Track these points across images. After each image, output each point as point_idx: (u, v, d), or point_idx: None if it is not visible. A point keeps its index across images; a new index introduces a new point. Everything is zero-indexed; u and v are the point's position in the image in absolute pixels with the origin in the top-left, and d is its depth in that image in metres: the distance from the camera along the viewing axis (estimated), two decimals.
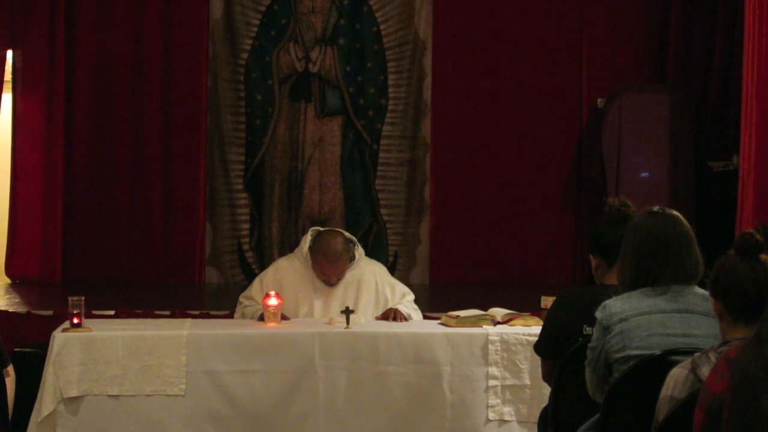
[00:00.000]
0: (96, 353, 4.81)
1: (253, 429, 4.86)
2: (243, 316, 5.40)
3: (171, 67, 8.75)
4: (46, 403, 4.75)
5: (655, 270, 3.38)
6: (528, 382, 4.86)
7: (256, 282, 5.47)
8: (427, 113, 8.93)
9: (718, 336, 2.84)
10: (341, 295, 5.34)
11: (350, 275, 5.38)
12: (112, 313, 5.97)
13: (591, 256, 3.94)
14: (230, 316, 5.75)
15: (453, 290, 8.33)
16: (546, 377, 4.04)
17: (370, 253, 6.67)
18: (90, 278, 8.46)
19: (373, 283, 5.38)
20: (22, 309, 6.45)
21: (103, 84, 8.74)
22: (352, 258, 5.40)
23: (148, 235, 8.71)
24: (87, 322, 4.92)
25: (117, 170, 8.73)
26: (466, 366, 4.90)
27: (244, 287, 5.79)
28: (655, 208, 3.51)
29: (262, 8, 8.92)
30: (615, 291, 3.49)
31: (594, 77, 8.83)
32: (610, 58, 8.87)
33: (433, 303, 7.21)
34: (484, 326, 5.01)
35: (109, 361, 4.81)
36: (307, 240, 5.42)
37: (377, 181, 8.96)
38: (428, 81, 8.92)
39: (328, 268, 5.29)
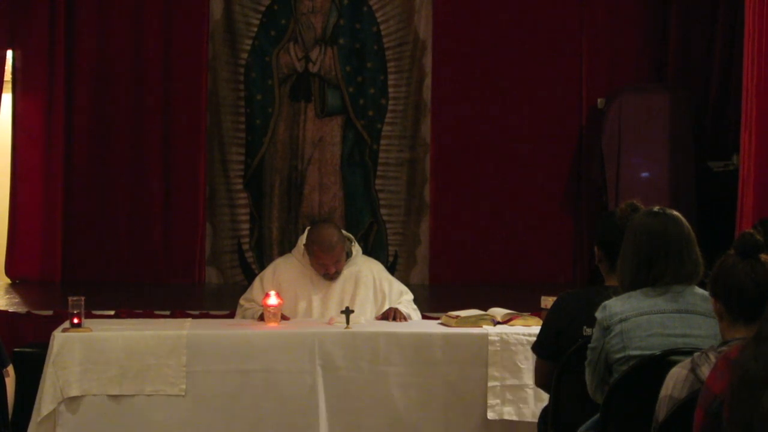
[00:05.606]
0: (96, 353, 4.80)
1: (253, 429, 4.86)
2: (243, 318, 5.40)
3: (171, 67, 8.75)
4: (46, 403, 4.75)
5: (656, 270, 3.38)
6: (528, 382, 4.84)
7: (257, 283, 5.46)
8: (427, 113, 8.92)
9: (718, 336, 2.84)
10: (339, 290, 5.34)
11: (348, 271, 5.38)
12: (112, 313, 5.96)
13: (596, 248, 3.93)
14: (230, 316, 5.75)
15: (453, 290, 8.32)
16: (539, 380, 4.00)
17: (370, 253, 6.69)
18: (90, 278, 8.46)
19: (370, 279, 5.38)
20: (22, 309, 6.45)
21: (103, 84, 8.74)
22: (349, 254, 5.41)
23: (148, 235, 8.70)
24: (87, 322, 4.92)
25: (117, 170, 8.73)
26: (466, 366, 4.90)
27: (245, 287, 5.78)
28: (656, 209, 3.51)
29: (262, 8, 8.92)
30: (615, 292, 3.49)
31: (594, 77, 8.83)
32: (610, 58, 8.87)
33: (433, 303, 7.21)
34: (484, 326, 5.01)
35: (109, 361, 4.80)
36: (303, 238, 5.42)
37: (377, 181, 8.96)
38: (428, 81, 8.91)
39: (324, 258, 5.28)
